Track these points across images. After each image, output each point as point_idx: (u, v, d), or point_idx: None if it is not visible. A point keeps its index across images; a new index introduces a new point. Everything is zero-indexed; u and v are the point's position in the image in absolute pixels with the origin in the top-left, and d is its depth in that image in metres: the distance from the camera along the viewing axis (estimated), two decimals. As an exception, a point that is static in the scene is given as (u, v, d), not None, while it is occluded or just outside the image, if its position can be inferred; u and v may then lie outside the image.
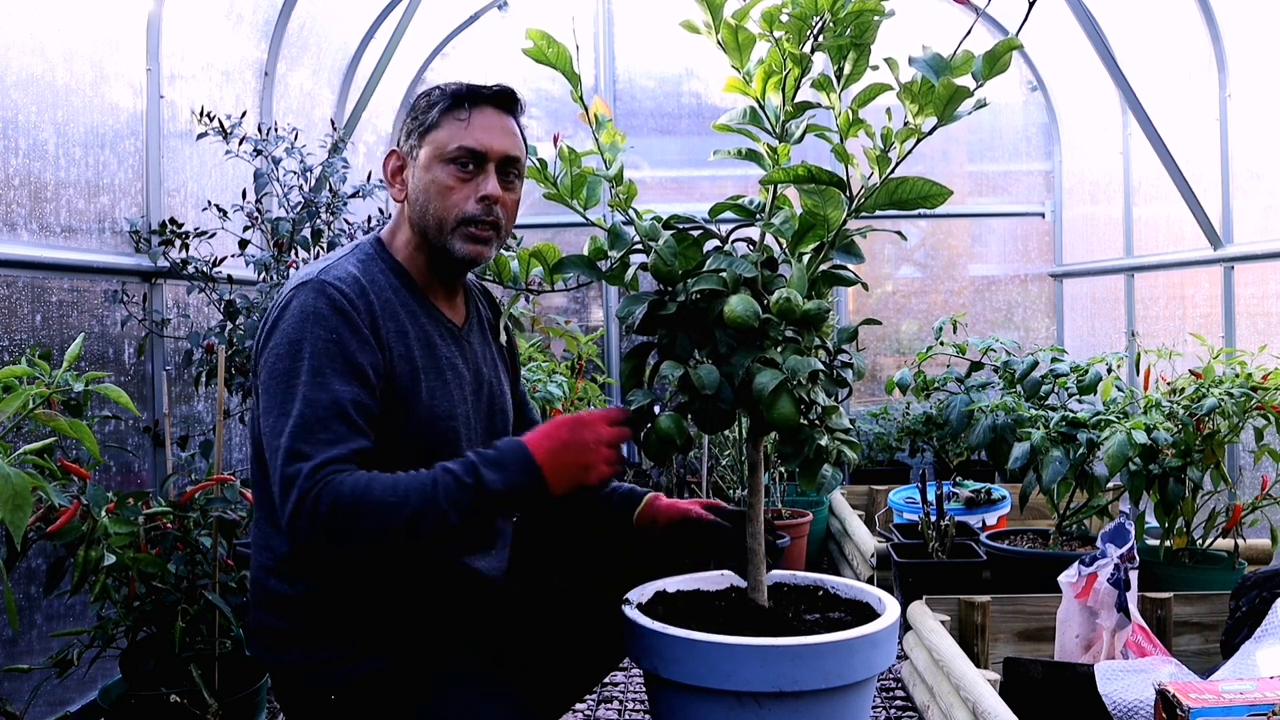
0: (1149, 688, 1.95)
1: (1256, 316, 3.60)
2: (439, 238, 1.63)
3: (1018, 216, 5.46)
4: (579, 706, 2.71)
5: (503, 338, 1.83)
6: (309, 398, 1.45)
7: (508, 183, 1.66)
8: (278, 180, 3.22)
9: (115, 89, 3.00)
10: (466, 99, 1.64)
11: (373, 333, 1.54)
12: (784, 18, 1.56)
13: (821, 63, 1.60)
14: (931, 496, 3.24)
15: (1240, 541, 2.94)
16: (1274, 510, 2.92)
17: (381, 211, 4.04)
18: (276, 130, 3.38)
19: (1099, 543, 2.40)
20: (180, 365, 3.11)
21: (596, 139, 1.74)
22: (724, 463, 4.14)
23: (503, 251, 1.76)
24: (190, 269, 3.11)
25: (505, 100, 1.69)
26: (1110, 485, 3.06)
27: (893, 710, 2.70)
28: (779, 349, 1.60)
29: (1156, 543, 2.99)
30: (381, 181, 3.49)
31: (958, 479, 4.14)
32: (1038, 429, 3.00)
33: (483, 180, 1.63)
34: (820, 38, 1.58)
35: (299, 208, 3.24)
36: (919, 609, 2.64)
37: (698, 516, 1.77)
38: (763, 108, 1.68)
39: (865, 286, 1.74)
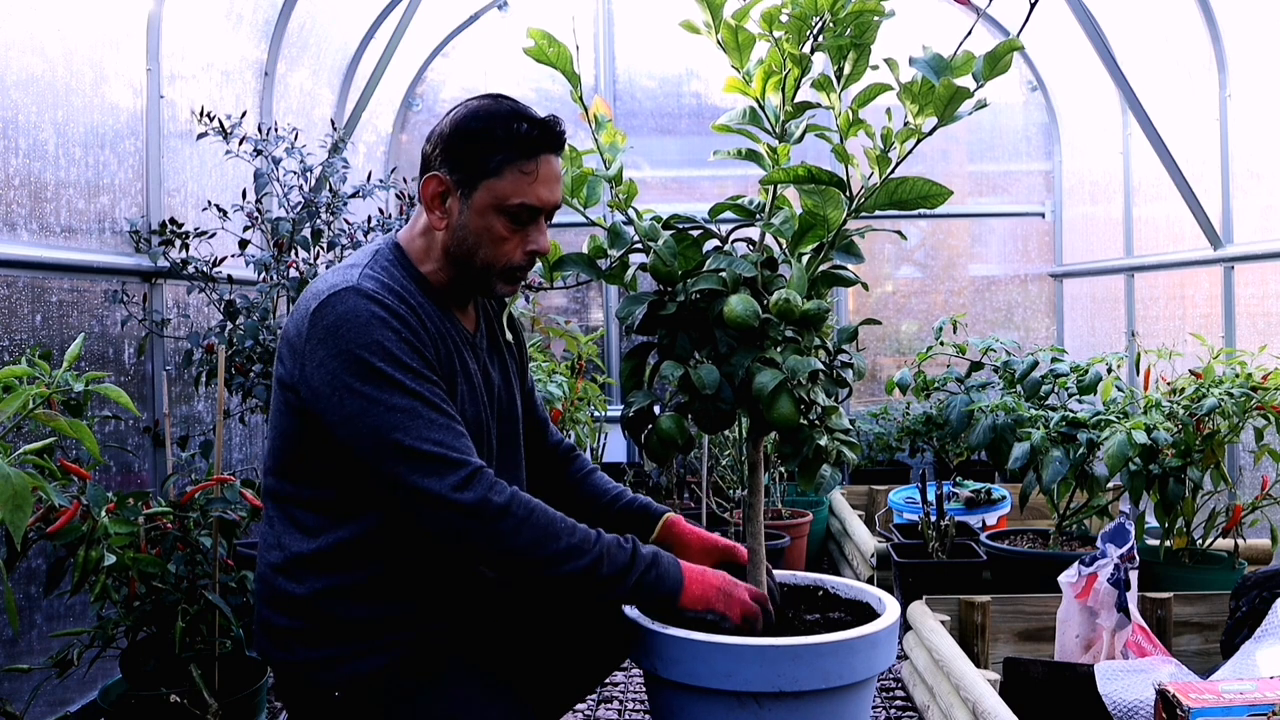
0: (1149, 688, 1.96)
1: (1256, 316, 3.60)
2: (481, 277, 1.62)
3: (1018, 216, 5.46)
4: (579, 706, 2.71)
5: (507, 335, 1.82)
6: (416, 390, 1.48)
7: (548, 222, 1.65)
8: (278, 180, 3.22)
9: (115, 89, 3.00)
10: (529, 150, 1.56)
11: (424, 333, 1.55)
12: (784, 18, 1.56)
13: (821, 63, 1.60)
14: (931, 496, 3.24)
15: (1240, 541, 2.94)
16: (1274, 510, 2.92)
17: (381, 211, 4.03)
18: (276, 130, 3.38)
19: (1099, 543, 2.40)
20: (180, 365, 3.11)
21: (596, 139, 1.74)
22: (724, 463, 4.14)
23: None
24: (190, 269, 3.11)
25: (562, 143, 1.63)
26: (1110, 485, 3.06)
27: (893, 710, 2.70)
28: (779, 349, 1.60)
29: (1156, 543, 2.99)
30: (381, 181, 3.49)
31: (958, 479, 4.14)
32: (1038, 429, 3.00)
33: (534, 233, 1.60)
34: (820, 38, 1.58)
35: (299, 208, 3.24)
36: (919, 609, 2.64)
37: (743, 559, 1.80)
38: (763, 108, 1.68)
39: (865, 286, 1.74)
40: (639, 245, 1.71)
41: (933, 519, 3.21)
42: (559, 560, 1.48)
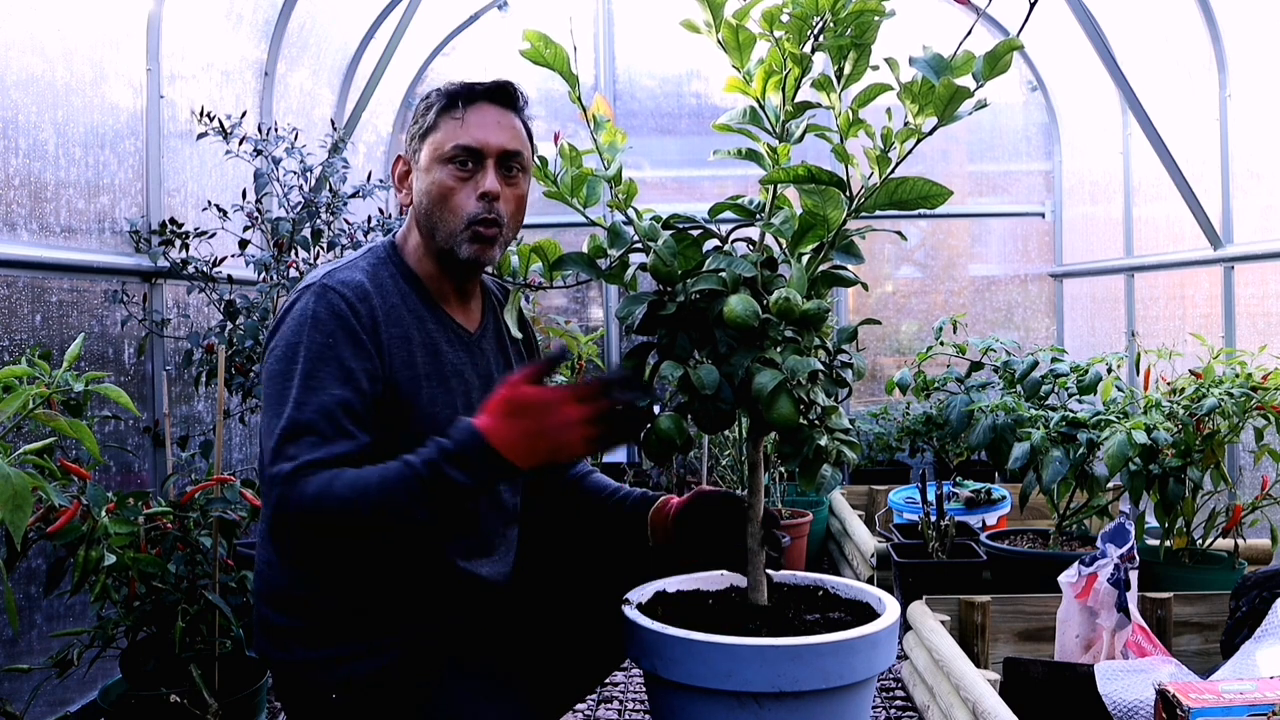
0: (1149, 688, 1.95)
1: (1256, 316, 3.60)
2: (446, 240, 1.62)
3: (1018, 216, 5.46)
4: (579, 706, 2.71)
5: (515, 332, 1.81)
6: (299, 400, 1.48)
7: (510, 178, 1.66)
8: (278, 180, 3.22)
9: (115, 89, 3.00)
10: (461, 97, 1.64)
11: (372, 338, 1.54)
12: (784, 17, 1.56)
13: (822, 62, 1.60)
14: (931, 496, 3.24)
15: (1240, 541, 2.94)
16: (1274, 510, 2.92)
17: (381, 211, 4.04)
18: (276, 130, 3.38)
19: (1099, 543, 2.40)
20: (180, 365, 3.11)
21: (596, 139, 1.73)
22: (724, 463, 4.14)
23: None
24: (190, 269, 3.11)
25: (502, 95, 1.68)
26: (1110, 485, 3.05)
27: (893, 710, 2.70)
28: (779, 349, 1.60)
29: (1156, 543, 2.99)
30: (381, 181, 3.49)
31: (958, 479, 4.14)
32: (1038, 429, 3.00)
33: (481, 177, 1.62)
34: (821, 38, 1.58)
35: (299, 208, 3.24)
36: (919, 609, 2.64)
37: (710, 490, 1.78)
38: (763, 107, 1.68)
39: (865, 287, 1.74)
40: (639, 245, 1.70)
41: (933, 519, 3.21)
42: (372, 528, 1.42)
